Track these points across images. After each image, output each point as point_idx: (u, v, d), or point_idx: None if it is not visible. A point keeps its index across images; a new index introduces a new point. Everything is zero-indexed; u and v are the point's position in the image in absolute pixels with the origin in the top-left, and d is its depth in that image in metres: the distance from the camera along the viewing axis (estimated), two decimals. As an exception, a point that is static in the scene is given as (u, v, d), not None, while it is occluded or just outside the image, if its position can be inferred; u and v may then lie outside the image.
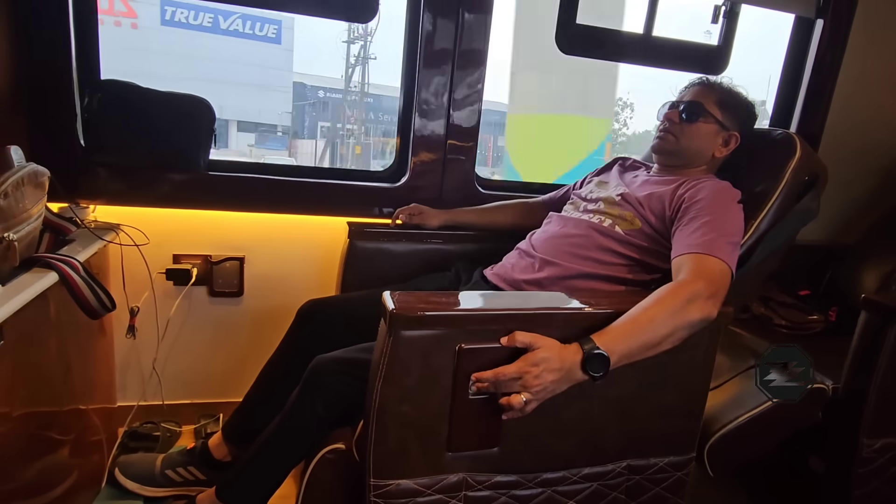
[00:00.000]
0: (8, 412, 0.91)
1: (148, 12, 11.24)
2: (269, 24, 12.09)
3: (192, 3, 11.28)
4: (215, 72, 11.45)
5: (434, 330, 0.87)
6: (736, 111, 1.27)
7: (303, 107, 16.20)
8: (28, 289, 0.89)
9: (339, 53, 12.91)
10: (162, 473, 1.30)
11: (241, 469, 1.12)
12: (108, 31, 10.86)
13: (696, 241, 1.05)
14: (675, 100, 1.31)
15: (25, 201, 0.94)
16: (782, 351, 1.31)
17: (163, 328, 1.53)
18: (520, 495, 1.01)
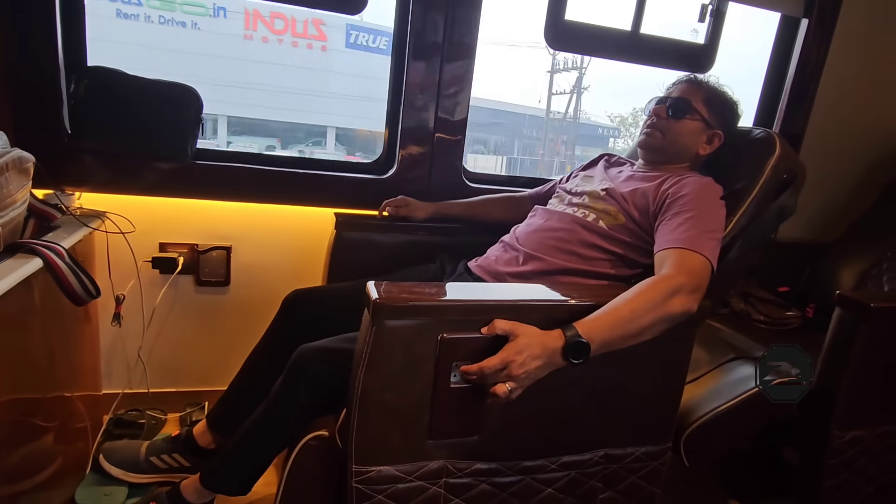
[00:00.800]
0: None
1: (336, 36, 12.64)
2: None
3: (371, 27, 12.60)
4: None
5: (416, 320, 0.89)
6: (721, 110, 1.29)
7: (481, 125, 17.82)
8: (12, 274, 0.90)
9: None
10: (146, 460, 1.31)
11: (225, 456, 1.14)
12: (302, 52, 12.38)
13: (679, 237, 1.07)
14: (663, 95, 1.33)
15: (10, 187, 0.94)
16: (782, 351, 1.33)
17: (148, 316, 1.54)
18: (499, 482, 1.03)
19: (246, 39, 12.14)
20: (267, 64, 12.20)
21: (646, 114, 1.34)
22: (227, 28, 11.96)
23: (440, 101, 1.65)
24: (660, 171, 1.29)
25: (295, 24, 12.15)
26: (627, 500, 1.13)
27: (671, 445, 1.15)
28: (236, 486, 1.14)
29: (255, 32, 12.11)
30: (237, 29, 12.02)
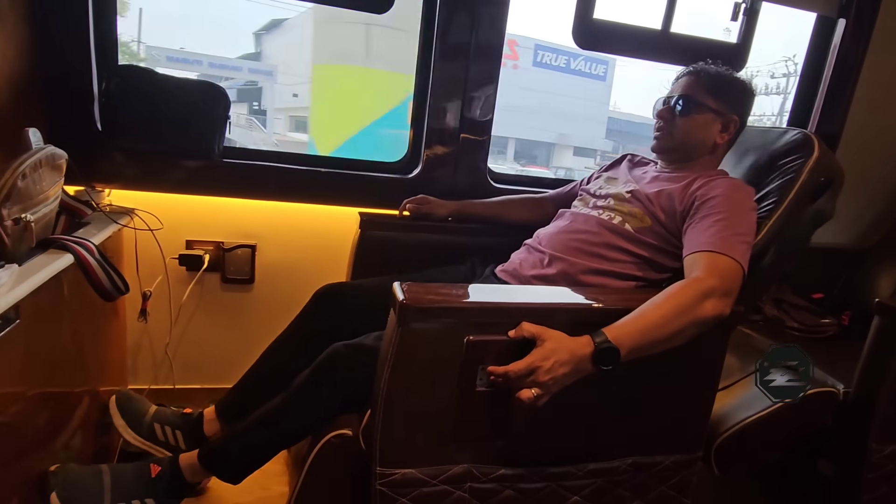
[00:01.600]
0: (22, 391, 0.93)
1: (526, 55, 13.96)
2: (599, 63, 14.72)
3: (556, 47, 14.07)
4: (557, 103, 14.51)
5: (442, 321, 0.88)
6: (729, 94, 1.24)
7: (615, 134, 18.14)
8: (44, 269, 0.91)
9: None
10: (150, 424, 1.26)
11: (231, 439, 1.10)
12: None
13: (709, 240, 1.04)
14: (666, 95, 1.28)
15: (43, 183, 0.96)
16: (782, 351, 1.29)
17: (175, 313, 1.55)
18: (524, 488, 1.01)
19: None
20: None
21: (653, 116, 1.30)
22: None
23: (466, 101, 1.63)
24: (686, 172, 1.24)
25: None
26: (656, 510, 1.11)
27: (702, 455, 1.11)
28: (233, 473, 1.11)
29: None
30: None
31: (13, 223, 0.87)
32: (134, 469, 1.10)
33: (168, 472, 1.09)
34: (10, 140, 1.12)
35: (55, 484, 1.01)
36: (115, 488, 1.05)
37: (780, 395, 1.24)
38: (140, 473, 1.09)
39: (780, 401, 1.26)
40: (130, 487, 1.07)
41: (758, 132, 1.36)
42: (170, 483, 1.09)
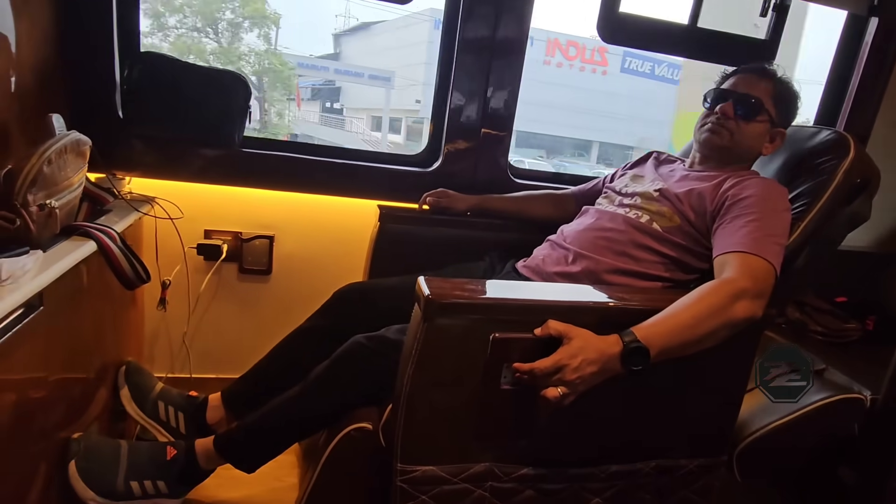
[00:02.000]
0: (44, 377, 0.92)
1: (614, 62, 14.67)
2: (678, 69, 15.18)
3: (642, 55, 14.48)
4: (640, 107, 14.94)
5: (468, 318, 0.86)
6: (788, 107, 1.22)
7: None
8: (68, 256, 0.90)
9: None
10: (154, 401, 1.25)
11: (249, 427, 1.09)
12: (587, 76, 14.70)
13: (741, 240, 1.01)
14: (728, 88, 1.23)
15: (67, 169, 0.95)
16: (782, 351, 1.26)
17: (193, 302, 1.55)
18: (545, 489, 1.00)
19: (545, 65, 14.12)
20: (555, 85, 13.80)
21: (706, 107, 1.25)
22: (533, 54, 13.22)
23: (488, 96, 1.61)
24: (717, 171, 1.21)
25: (584, 52, 14.51)
26: (677, 513, 1.09)
27: (726, 459, 1.09)
28: (248, 461, 1.10)
29: (552, 58, 14.30)
30: (540, 55, 13.87)
31: (38, 209, 0.87)
32: (150, 449, 1.10)
33: (183, 456, 1.09)
34: (34, 125, 1.12)
35: (76, 452, 1.02)
36: (131, 465, 1.06)
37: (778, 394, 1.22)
38: (155, 454, 1.09)
39: (806, 406, 1.24)
40: (145, 467, 1.07)
41: (790, 131, 1.33)
42: (183, 468, 1.08)
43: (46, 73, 1.23)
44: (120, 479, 1.04)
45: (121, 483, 1.03)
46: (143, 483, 1.05)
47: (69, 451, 1.01)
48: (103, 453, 1.05)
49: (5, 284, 0.74)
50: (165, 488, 1.06)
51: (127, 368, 1.27)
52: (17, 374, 0.83)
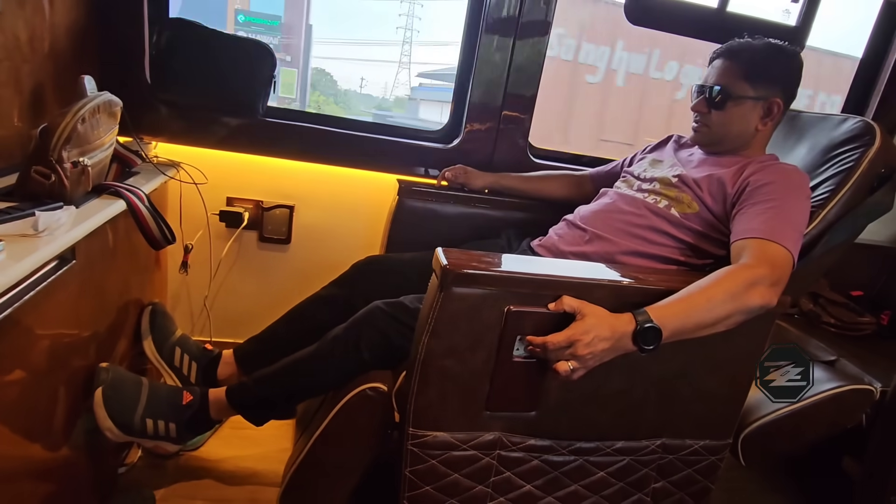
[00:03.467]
0: (75, 323, 0.96)
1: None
2: None
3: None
4: None
5: (484, 289, 0.88)
6: (768, 75, 1.15)
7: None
8: (99, 213, 0.93)
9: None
10: (172, 346, 1.28)
11: (262, 381, 1.12)
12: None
13: (759, 226, 1.01)
14: (700, 82, 1.21)
15: (100, 129, 0.98)
16: (781, 351, 1.26)
17: (214, 267, 1.58)
18: (552, 460, 1.02)
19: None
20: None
21: (691, 104, 1.23)
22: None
23: (510, 77, 1.60)
24: (735, 156, 1.20)
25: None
26: (680, 491, 1.11)
27: (731, 442, 1.11)
28: (258, 415, 1.13)
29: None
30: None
31: (72, 166, 0.89)
32: (168, 391, 1.14)
33: (197, 402, 1.12)
34: (67, 86, 1.14)
35: (103, 380, 1.05)
36: (150, 403, 1.09)
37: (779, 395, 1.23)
38: (173, 396, 1.12)
39: (813, 396, 1.25)
40: (162, 407, 1.10)
41: (814, 119, 1.31)
42: (195, 413, 1.12)
43: (78, 35, 1.26)
44: (138, 414, 1.07)
45: (138, 418, 1.07)
46: (157, 422, 1.08)
47: (97, 379, 1.05)
48: (127, 386, 1.08)
49: (42, 236, 0.77)
50: (175, 431, 1.10)
51: (153, 308, 1.31)
52: (51, 320, 0.87)
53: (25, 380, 0.81)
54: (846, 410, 1.27)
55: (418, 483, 0.97)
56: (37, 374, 0.85)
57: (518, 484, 1.02)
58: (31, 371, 0.83)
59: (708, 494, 1.13)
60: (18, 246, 0.73)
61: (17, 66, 1.04)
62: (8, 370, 0.76)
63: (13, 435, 0.81)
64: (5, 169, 1.00)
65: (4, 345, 0.74)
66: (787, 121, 1.35)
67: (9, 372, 0.77)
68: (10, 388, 0.78)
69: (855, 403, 1.28)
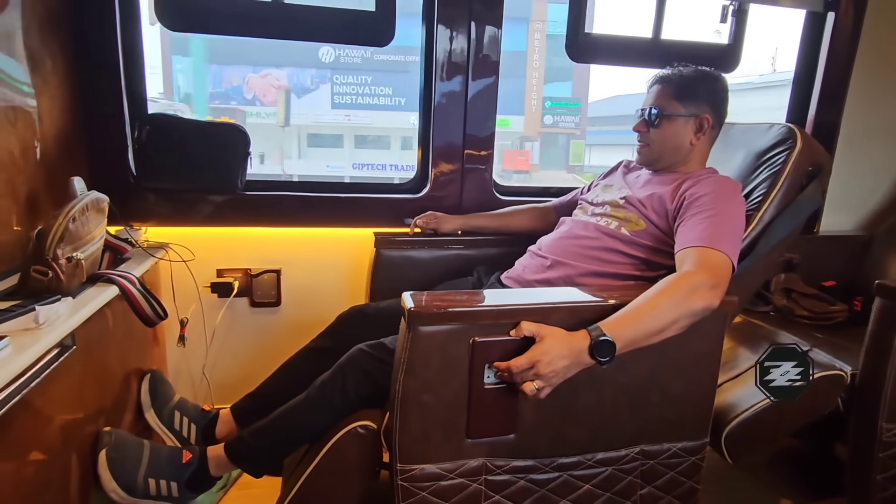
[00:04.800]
0: (83, 411, 1.04)
1: None
2: None
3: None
4: None
5: (449, 325, 0.96)
6: (695, 94, 1.28)
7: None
8: (94, 300, 1.03)
9: None
10: (172, 410, 1.35)
11: (257, 433, 1.17)
12: None
13: (698, 236, 1.10)
14: (640, 106, 1.34)
15: (89, 225, 1.08)
16: (781, 351, 1.31)
17: (210, 337, 1.67)
18: (537, 479, 1.07)
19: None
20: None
21: (633, 126, 1.36)
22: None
23: (468, 118, 1.73)
24: (675, 173, 1.31)
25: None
26: (668, 495, 1.15)
27: (708, 441, 1.16)
28: (257, 466, 1.19)
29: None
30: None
31: (67, 262, 0.99)
32: (169, 451, 1.20)
33: (196, 460, 1.18)
34: (59, 188, 1.26)
35: (107, 443, 1.12)
36: (151, 463, 1.15)
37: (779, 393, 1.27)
38: (173, 456, 1.18)
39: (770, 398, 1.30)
40: (163, 467, 1.16)
41: (746, 128, 1.42)
42: (195, 472, 1.17)
43: (67, 141, 1.39)
44: (141, 474, 1.13)
45: (141, 479, 1.12)
46: (159, 482, 1.14)
47: (101, 442, 1.11)
48: (129, 448, 1.15)
49: (43, 328, 0.86)
50: (176, 491, 1.15)
51: (151, 377, 1.39)
52: (58, 402, 0.95)
53: (39, 458, 0.89)
54: (821, 397, 1.32)
55: (413, 516, 1.03)
56: (50, 453, 0.93)
57: (508, 506, 1.07)
58: (44, 450, 0.90)
59: (695, 495, 1.17)
60: (22, 339, 0.82)
61: (13, 178, 1.15)
62: (23, 451, 0.84)
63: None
64: (8, 271, 1.10)
65: (17, 428, 0.82)
66: (723, 133, 1.46)
67: (24, 452, 0.84)
68: (27, 467, 0.86)
69: (828, 390, 1.33)
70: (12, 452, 0.82)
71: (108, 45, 1.47)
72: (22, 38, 1.20)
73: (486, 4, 1.66)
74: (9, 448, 0.80)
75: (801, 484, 1.60)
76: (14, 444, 0.82)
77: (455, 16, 1.65)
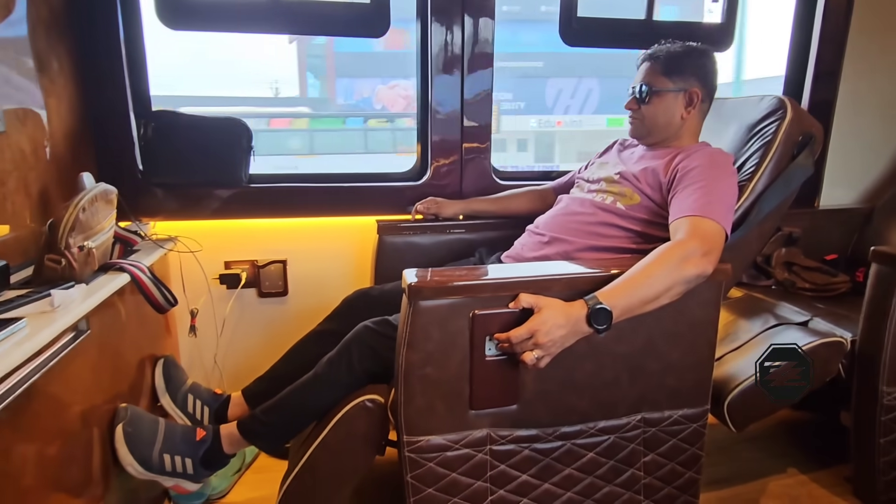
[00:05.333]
0: (100, 393, 1.08)
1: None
2: None
3: None
4: None
5: (449, 299, 0.99)
6: (682, 70, 1.31)
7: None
8: (106, 286, 1.07)
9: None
10: (185, 393, 1.38)
11: (269, 410, 1.21)
12: None
13: (691, 206, 1.12)
14: (631, 84, 1.37)
15: (99, 215, 1.12)
16: (781, 351, 1.33)
17: (220, 327, 1.71)
18: (541, 448, 1.10)
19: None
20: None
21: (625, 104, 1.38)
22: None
23: (465, 111, 1.75)
24: (668, 148, 1.33)
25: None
26: (671, 462, 1.17)
27: (709, 408, 1.18)
28: (269, 442, 1.22)
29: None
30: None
31: (79, 250, 1.03)
32: (183, 429, 1.23)
33: (210, 438, 1.21)
34: (69, 184, 1.30)
35: (123, 418, 1.15)
36: (166, 440, 1.18)
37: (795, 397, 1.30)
38: (187, 434, 1.22)
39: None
40: (178, 443, 1.19)
41: (738, 102, 1.43)
42: (209, 449, 1.20)
43: (75, 138, 1.43)
44: (156, 449, 1.16)
45: (156, 454, 1.16)
46: (174, 458, 1.17)
47: (117, 417, 1.15)
48: (145, 423, 1.18)
49: (57, 311, 0.90)
50: (191, 468, 1.18)
51: (164, 362, 1.42)
52: (75, 384, 0.99)
53: (60, 437, 0.93)
54: (821, 364, 1.34)
55: (421, 487, 1.06)
56: (70, 432, 0.97)
57: (513, 475, 1.10)
58: (64, 429, 0.94)
59: (699, 461, 1.19)
60: (38, 321, 0.85)
61: (25, 175, 1.20)
62: (44, 430, 0.88)
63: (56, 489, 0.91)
64: (22, 265, 1.14)
65: (38, 407, 0.86)
66: (715, 107, 1.47)
67: (45, 431, 0.88)
68: (49, 446, 0.89)
69: (828, 356, 1.34)
70: (34, 431, 0.86)
71: (111, 46, 1.51)
72: (29, 40, 1.25)
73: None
74: (31, 426, 0.84)
75: (807, 453, 1.62)
76: (35, 423, 0.86)
77: (448, 8, 1.68)
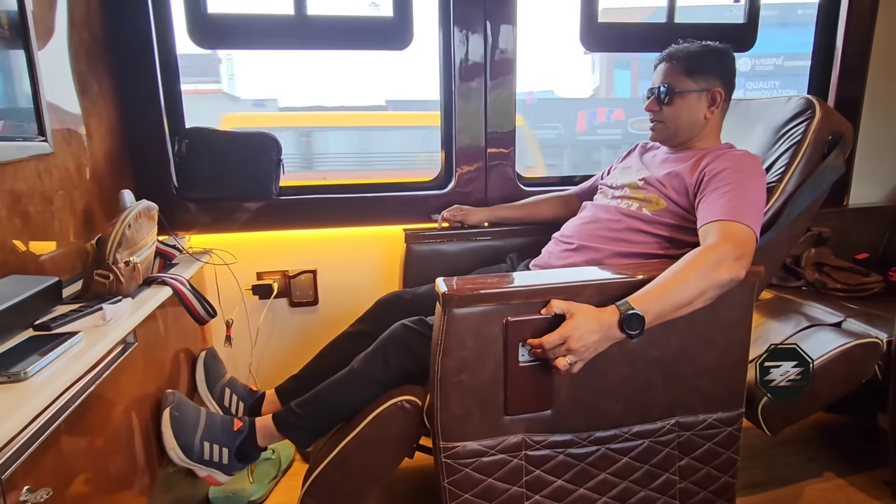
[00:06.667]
0: (146, 398, 1.12)
1: None
2: None
3: None
4: None
5: (482, 307, 1.00)
6: (705, 69, 1.29)
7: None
8: (151, 300, 1.11)
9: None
10: (223, 387, 1.41)
11: (304, 405, 1.23)
12: None
13: (720, 209, 1.12)
14: (650, 86, 1.36)
15: (142, 231, 1.16)
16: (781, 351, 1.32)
17: (254, 336, 1.75)
18: (576, 453, 1.11)
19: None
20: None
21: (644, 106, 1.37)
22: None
23: (488, 118, 1.77)
24: (692, 150, 1.32)
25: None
26: (706, 466, 1.17)
27: (744, 411, 1.17)
28: (303, 437, 1.24)
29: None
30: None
31: (125, 265, 1.07)
32: (222, 418, 1.26)
33: (246, 429, 1.24)
34: (109, 201, 1.36)
35: (171, 402, 1.18)
36: (207, 427, 1.21)
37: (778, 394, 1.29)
38: (226, 424, 1.24)
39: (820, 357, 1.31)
40: (217, 432, 1.21)
41: (764, 103, 1.43)
42: (244, 440, 1.22)
43: (114, 157, 1.48)
44: (198, 436, 1.18)
45: (198, 441, 1.18)
46: (213, 446, 1.19)
47: (165, 401, 1.18)
48: (189, 409, 1.21)
49: (109, 324, 0.94)
50: (226, 458, 1.20)
51: (206, 354, 1.46)
52: (126, 391, 1.03)
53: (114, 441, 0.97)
54: (857, 366, 1.32)
55: (457, 493, 1.07)
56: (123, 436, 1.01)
57: (549, 480, 1.11)
58: (116, 432, 0.98)
59: (734, 466, 1.19)
60: (92, 334, 0.89)
61: (70, 193, 1.25)
62: (102, 433, 0.92)
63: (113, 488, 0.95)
64: (69, 280, 1.19)
65: (97, 413, 0.90)
66: (741, 109, 1.47)
67: (103, 434, 0.92)
68: (107, 447, 0.93)
69: (864, 358, 1.33)
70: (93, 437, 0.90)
71: (147, 67, 1.57)
72: (70, 63, 1.30)
73: (499, 3, 1.70)
74: (89, 433, 0.88)
75: (844, 456, 1.59)
76: (93, 430, 0.90)
77: (470, 16, 1.70)
